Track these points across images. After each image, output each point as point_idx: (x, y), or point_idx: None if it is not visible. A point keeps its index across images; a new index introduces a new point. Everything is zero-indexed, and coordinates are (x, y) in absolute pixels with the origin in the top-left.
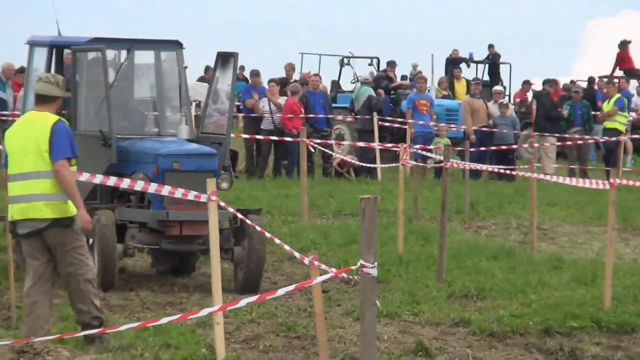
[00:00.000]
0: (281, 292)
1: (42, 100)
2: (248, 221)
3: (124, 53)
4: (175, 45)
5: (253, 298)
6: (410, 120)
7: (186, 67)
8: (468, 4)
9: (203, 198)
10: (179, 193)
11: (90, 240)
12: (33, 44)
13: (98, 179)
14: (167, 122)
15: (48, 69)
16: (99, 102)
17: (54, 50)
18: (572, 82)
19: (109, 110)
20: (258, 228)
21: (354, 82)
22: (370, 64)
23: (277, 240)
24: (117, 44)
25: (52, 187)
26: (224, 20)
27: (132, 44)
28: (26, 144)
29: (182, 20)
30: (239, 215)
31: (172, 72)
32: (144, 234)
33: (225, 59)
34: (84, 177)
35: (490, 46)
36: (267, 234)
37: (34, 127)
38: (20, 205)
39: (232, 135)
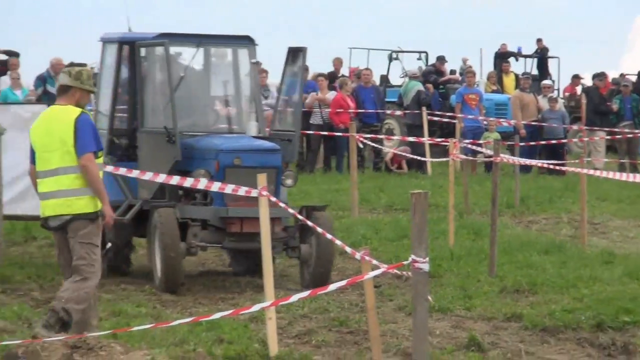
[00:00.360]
0: (333, 287)
1: (59, 91)
2: (297, 217)
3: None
4: (247, 41)
5: (305, 293)
6: (459, 115)
7: (254, 62)
8: None
9: (254, 193)
10: (229, 189)
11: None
12: (105, 41)
13: (147, 175)
14: (236, 118)
15: (118, 66)
16: (167, 99)
17: (128, 47)
18: (621, 75)
19: (172, 107)
20: (309, 222)
21: (402, 77)
22: (419, 59)
23: (328, 235)
24: (186, 39)
25: (80, 181)
26: (274, 14)
27: (201, 40)
28: (51, 139)
29: (231, 14)
30: (291, 212)
31: (243, 68)
32: (206, 232)
33: (295, 53)
34: (135, 173)
35: (539, 40)
36: (319, 229)
37: (57, 122)
38: (51, 202)
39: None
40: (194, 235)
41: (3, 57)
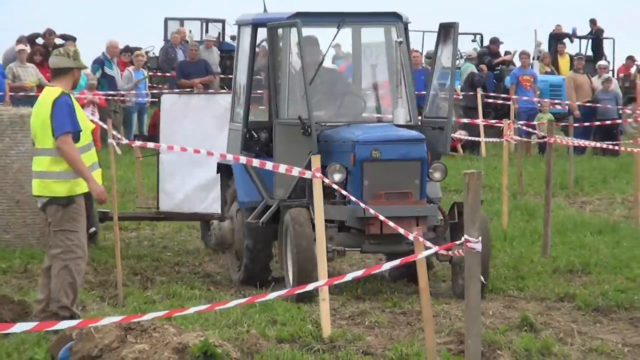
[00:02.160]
0: (386, 266)
1: (56, 73)
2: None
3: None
4: (394, 18)
5: (359, 272)
6: (514, 96)
7: (400, 42)
8: None
9: (307, 175)
10: (282, 169)
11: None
12: (240, 24)
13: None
14: (383, 106)
15: (252, 51)
16: (303, 86)
17: (266, 29)
18: None
19: (306, 95)
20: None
21: (457, 59)
22: (474, 40)
23: (381, 217)
24: (324, 19)
25: (57, 165)
26: None
27: (342, 18)
28: (36, 121)
29: None
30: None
31: (388, 49)
32: (343, 235)
33: (447, 30)
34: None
35: (593, 21)
36: (372, 211)
37: (42, 104)
38: (35, 182)
39: None
40: (330, 238)
41: (59, 41)
